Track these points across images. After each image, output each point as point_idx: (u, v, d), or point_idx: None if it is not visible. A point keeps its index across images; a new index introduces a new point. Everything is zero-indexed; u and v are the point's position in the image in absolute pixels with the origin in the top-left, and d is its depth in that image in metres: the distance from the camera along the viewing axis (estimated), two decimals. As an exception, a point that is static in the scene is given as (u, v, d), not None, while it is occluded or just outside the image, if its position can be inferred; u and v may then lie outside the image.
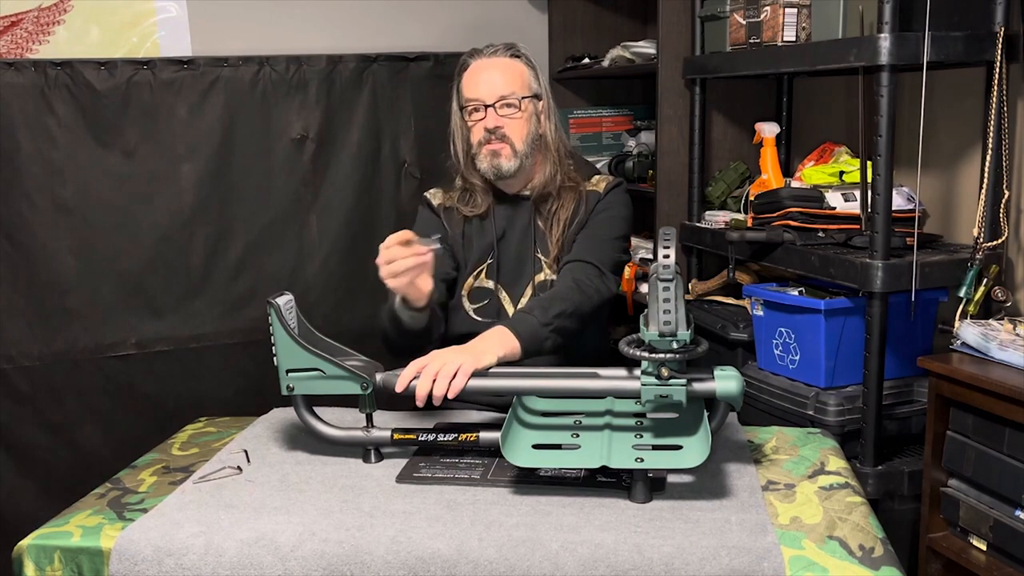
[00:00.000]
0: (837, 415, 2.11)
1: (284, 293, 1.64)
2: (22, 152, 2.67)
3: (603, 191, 2.05)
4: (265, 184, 2.88)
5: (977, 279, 1.99)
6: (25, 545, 1.44)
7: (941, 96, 2.29)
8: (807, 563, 1.29)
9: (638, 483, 1.45)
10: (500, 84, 2.00)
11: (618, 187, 2.08)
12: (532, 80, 2.03)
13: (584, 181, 2.07)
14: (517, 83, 2.01)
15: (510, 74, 2.01)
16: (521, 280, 2.04)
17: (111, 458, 2.45)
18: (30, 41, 2.96)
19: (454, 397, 1.58)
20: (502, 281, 2.05)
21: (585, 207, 2.03)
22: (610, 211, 2.04)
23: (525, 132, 2.01)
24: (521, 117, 2.00)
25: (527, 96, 2.01)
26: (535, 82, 2.04)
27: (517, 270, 2.04)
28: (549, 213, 2.04)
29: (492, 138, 1.99)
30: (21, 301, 2.72)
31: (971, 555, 1.88)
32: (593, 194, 2.05)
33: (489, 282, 2.06)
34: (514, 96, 1.99)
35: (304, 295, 2.90)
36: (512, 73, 2.01)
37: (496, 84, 2.00)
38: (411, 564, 1.33)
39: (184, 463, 1.70)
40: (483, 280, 2.07)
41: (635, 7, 3.45)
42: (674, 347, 1.42)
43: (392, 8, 3.28)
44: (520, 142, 2.00)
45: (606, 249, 1.99)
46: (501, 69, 2.01)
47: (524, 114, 2.00)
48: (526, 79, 2.03)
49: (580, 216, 2.03)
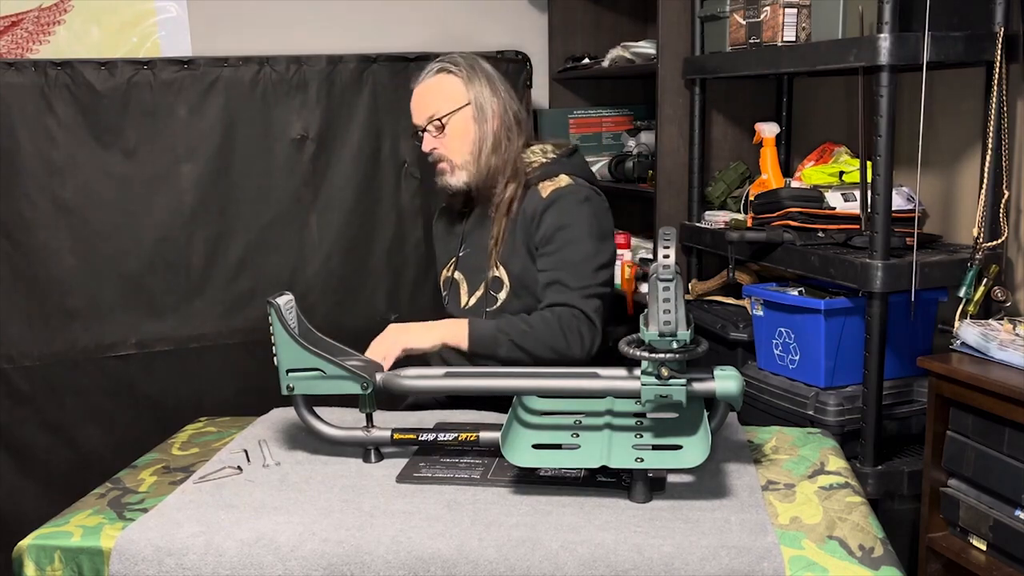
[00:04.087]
0: (837, 415, 2.11)
1: (284, 293, 1.64)
2: (22, 152, 2.67)
3: (546, 197, 1.99)
4: (265, 184, 2.88)
5: (977, 279, 1.99)
6: (25, 545, 1.44)
7: (941, 96, 2.29)
8: (807, 563, 1.29)
9: (638, 483, 1.45)
10: (426, 106, 2.05)
11: (568, 197, 1.98)
12: (462, 89, 2.03)
13: (542, 179, 2.03)
14: (441, 100, 2.03)
15: (433, 93, 2.05)
16: (480, 275, 2.08)
17: (111, 458, 2.45)
18: (30, 41, 2.96)
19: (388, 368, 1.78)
20: (465, 274, 2.12)
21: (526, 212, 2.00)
22: (570, 229, 1.96)
23: (461, 145, 2.03)
24: (449, 134, 2.03)
25: (453, 110, 2.02)
26: (467, 89, 2.03)
27: (477, 265, 2.09)
28: (493, 206, 2.06)
29: (431, 159, 2.06)
30: (21, 301, 2.72)
31: (971, 555, 1.88)
32: (535, 197, 2.00)
33: (458, 274, 2.14)
34: (438, 114, 2.02)
35: (304, 295, 2.90)
36: (436, 92, 2.04)
37: (422, 107, 2.05)
38: (411, 564, 1.33)
39: (184, 463, 1.70)
40: (452, 271, 2.16)
41: (635, 7, 3.46)
42: (674, 347, 1.42)
43: (392, 8, 3.29)
44: (458, 156, 2.03)
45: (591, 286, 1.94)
46: (427, 91, 2.06)
47: (455, 129, 2.02)
48: (453, 92, 2.03)
49: (523, 219, 2.00)
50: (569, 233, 1.96)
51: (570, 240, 1.96)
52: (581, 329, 1.91)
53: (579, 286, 1.93)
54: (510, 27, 3.41)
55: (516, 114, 2.08)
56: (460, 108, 2.02)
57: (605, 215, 2.05)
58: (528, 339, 1.90)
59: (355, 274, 2.98)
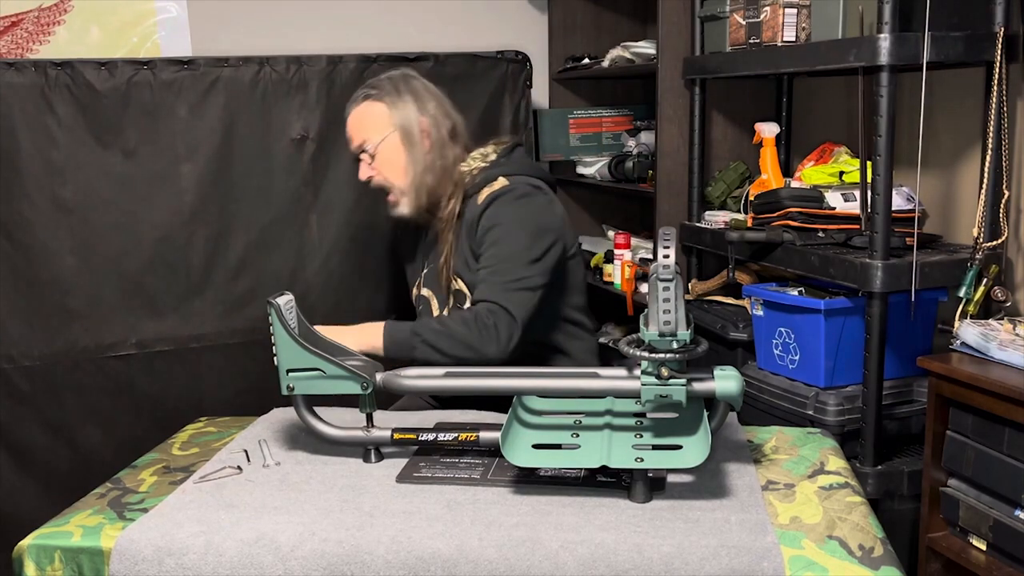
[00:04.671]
0: (837, 415, 2.11)
1: (284, 293, 1.64)
2: (22, 152, 2.66)
3: (481, 203, 1.99)
4: (265, 184, 2.88)
5: (977, 279, 1.99)
6: (25, 545, 1.44)
7: (941, 96, 2.29)
8: (807, 563, 1.29)
9: (638, 483, 1.45)
10: (355, 136, 2.06)
11: (501, 198, 1.98)
12: (387, 116, 2.02)
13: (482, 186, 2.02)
14: (368, 129, 2.03)
15: (360, 122, 2.05)
16: (444, 289, 2.08)
17: (111, 458, 2.45)
18: (30, 41, 2.96)
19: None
20: (432, 290, 2.11)
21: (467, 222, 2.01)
22: (500, 227, 1.95)
23: (394, 171, 2.02)
24: (381, 161, 2.02)
25: (380, 139, 2.01)
26: (391, 115, 2.02)
27: (440, 280, 2.08)
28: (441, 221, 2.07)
29: (373, 186, 2.07)
30: (21, 301, 2.71)
31: (971, 555, 1.88)
32: (473, 204, 2.01)
33: (425, 290, 2.13)
34: (367, 145, 2.03)
35: (304, 295, 2.90)
36: (362, 121, 2.04)
37: (353, 137, 2.06)
38: (411, 564, 1.33)
39: (184, 463, 1.71)
40: (421, 288, 2.15)
41: (635, 7, 3.46)
42: (674, 347, 1.42)
43: (392, 8, 3.29)
44: (395, 181, 2.04)
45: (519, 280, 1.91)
46: (354, 120, 2.06)
47: (385, 156, 2.02)
48: (378, 120, 2.02)
49: (467, 229, 2.00)
50: (498, 232, 1.96)
51: (499, 238, 1.95)
52: (497, 324, 1.87)
53: (503, 281, 1.91)
54: (510, 27, 3.41)
55: (450, 128, 2.07)
56: (387, 136, 2.02)
57: (545, 208, 2.03)
58: (442, 339, 1.86)
59: (355, 274, 2.98)
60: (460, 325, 1.88)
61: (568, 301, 2.10)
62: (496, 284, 1.91)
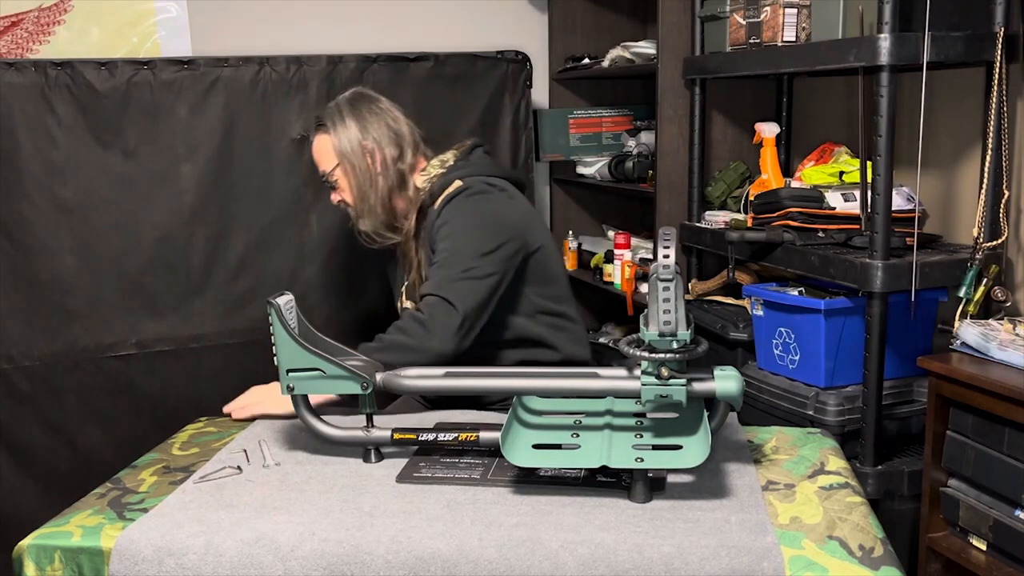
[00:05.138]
0: (837, 415, 2.11)
1: (284, 293, 1.64)
2: (22, 152, 2.67)
3: (437, 208, 2.02)
4: (265, 184, 2.88)
5: (977, 279, 1.99)
6: (25, 545, 1.44)
7: (941, 96, 2.29)
8: (807, 563, 1.29)
9: (638, 483, 1.45)
10: (318, 167, 2.12)
11: (456, 198, 1.99)
12: (332, 147, 2.06)
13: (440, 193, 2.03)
14: (322, 160, 2.10)
15: (316, 156, 2.12)
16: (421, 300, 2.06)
17: (111, 458, 2.45)
18: (30, 41, 2.96)
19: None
20: (413, 301, 2.11)
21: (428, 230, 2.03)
22: (450, 224, 1.97)
23: (356, 196, 2.07)
24: (342, 187, 2.09)
25: (332, 169, 2.07)
26: (336, 145, 2.06)
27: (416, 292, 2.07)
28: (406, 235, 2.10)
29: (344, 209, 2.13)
30: (21, 301, 2.71)
31: (971, 555, 1.88)
32: (431, 212, 2.03)
33: (408, 302, 2.14)
34: (325, 174, 2.10)
35: (304, 295, 2.90)
36: (317, 152, 2.11)
37: (318, 168, 2.12)
38: (411, 564, 1.33)
39: (184, 463, 1.70)
40: (403, 300, 2.17)
41: (635, 7, 3.46)
42: (674, 347, 1.42)
43: (392, 8, 3.29)
44: (360, 202, 2.08)
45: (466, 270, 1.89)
46: (314, 152, 2.12)
47: (342, 183, 2.08)
48: (326, 152, 2.08)
49: (428, 237, 2.03)
50: (448, 229, 1.97)
51: (449, 234, 1.96)
52: (433, 316, 1.85)
53: (446, 273, 1.90)
54: (510, 27, 3.41)
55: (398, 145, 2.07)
56: (336, 164, 2.07)
57: (501, 204, 2.02)
58: (384, 354, 1.80)
59: (355, 274, 2.98)
60: (395, 332, 1.88)
61: (545, 293, 2.07)
62: (440, 277, 1.91)
